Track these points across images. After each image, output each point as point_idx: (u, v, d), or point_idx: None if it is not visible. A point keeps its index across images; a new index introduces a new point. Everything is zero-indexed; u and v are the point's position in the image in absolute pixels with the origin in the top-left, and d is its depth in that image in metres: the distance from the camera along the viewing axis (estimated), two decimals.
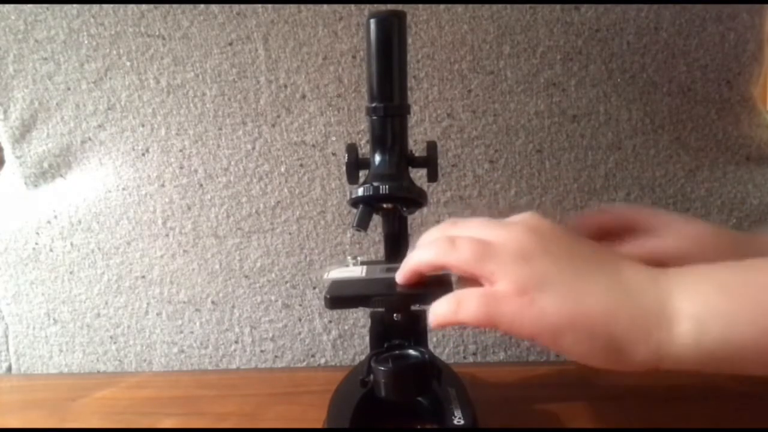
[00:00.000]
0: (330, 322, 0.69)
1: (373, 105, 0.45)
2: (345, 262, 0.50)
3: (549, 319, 0.35)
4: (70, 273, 0.70)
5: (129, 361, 0.72)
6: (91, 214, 0.68)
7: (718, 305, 0.34)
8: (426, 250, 0.40)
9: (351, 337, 0.69)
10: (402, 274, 0.42)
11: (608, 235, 0.49)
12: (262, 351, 0.70)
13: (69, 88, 0.65)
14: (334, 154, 0.65)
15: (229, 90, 0.64)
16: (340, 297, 0.45)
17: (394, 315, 0.48)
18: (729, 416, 0.52)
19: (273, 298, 0.69)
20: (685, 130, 0.65)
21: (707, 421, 0.51)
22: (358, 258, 0.51)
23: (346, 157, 0.46)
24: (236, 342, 0.70)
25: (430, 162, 0.47)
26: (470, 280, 0.39)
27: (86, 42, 0.64)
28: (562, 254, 0.37)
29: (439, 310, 0.38)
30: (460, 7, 0.62)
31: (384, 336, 0.49)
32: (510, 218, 0.41)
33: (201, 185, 0.67)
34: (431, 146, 0.47)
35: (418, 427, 0.49)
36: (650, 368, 0.36)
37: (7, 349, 0.74)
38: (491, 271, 0.36)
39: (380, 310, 0.49)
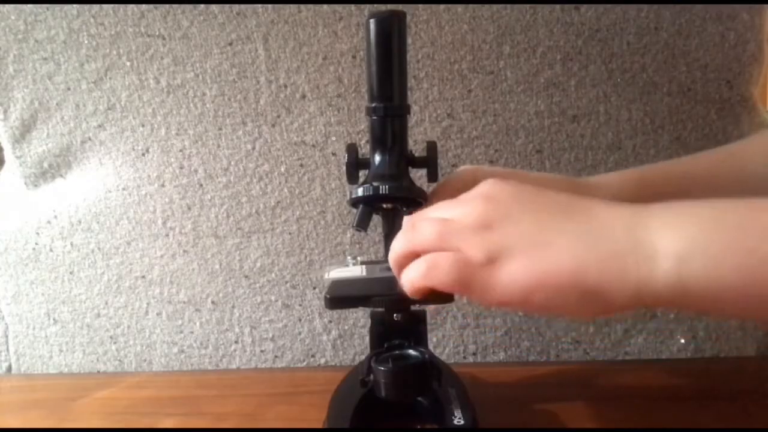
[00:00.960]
0: (330, 322, 0.69)
1: (373, 105, 0.45)
2: (345, 262, 0.50)
3: (516, 283, 0.35)
4: (70, 273, 0.70)
5: (129, 361, 0.72)
6: (91, 214, 0.68)
7: (702, 244, 0.32)
8: (393, 244, 0.40)
9: (351, 337, 0.69)
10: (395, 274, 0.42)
11: None
12: (262, 351, 0.70)
13: (69, 88, 0.65)
14: (334, 154, 0.65)
15: (229, 90, 0.64)
16: (340, 297, 0.45)
17: (394, 315, 0.48)
18: (729, 416, 0.52)
19: (273, 298, 0.69)
20: (685, 130, 0.65)
21: (707, 421, 0.51)
22: (358, 258, 0.51)
23: (346, 157, 0.46)
24: (236, 342, 0.70)
25: (430, 162, 0.47)
26: None
27: (86, 42, 0.64)
28: (524, 214, 0.37)
29: (412, 274, 0.38)
30: (460, 7, 0.62)
31: (384, 336, 0.49)
32: (469, 192, 0.40)
33: (201, 185, 0.67)
34: (431, 146, 0.47)
35: (418, 427, 0.49)
36: (632, 308, 0.35)
37: (7, 349, 0.74)
38: (457, 246, 0.36)
39: (380, 310, 0.49)
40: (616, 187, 0.49)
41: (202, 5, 0.62)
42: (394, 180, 0.45)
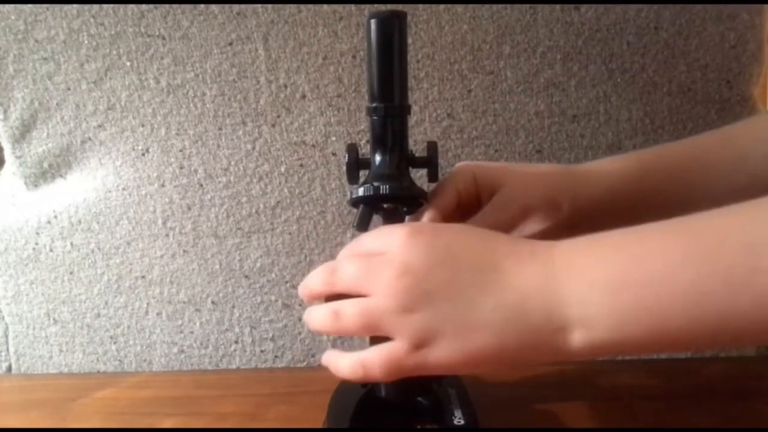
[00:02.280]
0: None
1: (374, 105, 0.45)
2: None
3: (444, 365, 0.36)
4: (70, 273, 0.70)
5: (129, 361, 0.72)
6: (91, 214, 0.68)
7: (603, 308, 0.33)
8: (315, 318, 0.42)
9: (351, 337, 0.69)
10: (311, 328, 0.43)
11: (470, 205, 0.48)
12: (262, 351, 0.70)
13: (69, 88, 0.65)
14: (334, 154, 0.65)
15: (229, 90, 0.64)
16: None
17: None
18: (729, 416, 0.52)
19: (273, 298, 0.69)
20: (685, 130, 0.65)
21: (707, 421, 0.51)
22: None
23: (347, 157, 0.46)
24: (236, 342, 0.70)
25: (430, 162, 0.47)
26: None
27: (86, 42, 0.64)
28: (441, 288, 0.36)
29: (349, 371, 0.40)
30: (460, 7, 0.62)
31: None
32: (386, 235, 0.40)
33: (201, 185, 0.67)
34: (431, 146, 0.47)
35: (418, 427, 0.49)
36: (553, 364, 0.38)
37: (7, 349, 0.74)
38: (383, 332, 0.38)
39: None
40: (616, 177, 0.48)
41: (202, 5, 0.62)
42: (394, 180, 0.45)
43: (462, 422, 0.45)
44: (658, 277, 0.32)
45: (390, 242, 0.39)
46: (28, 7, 0.63)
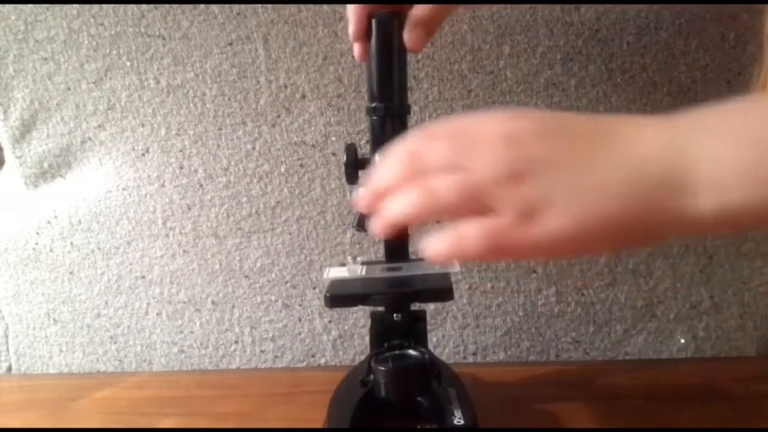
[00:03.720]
0: (330, 322, 0.69)
1: (373, 105, 0.45)
2: (345, 262, 0.50)
3: (563, 236, 0.31)
4: (70, 273, 0.70)
5: (129, 361, 0.72)
6: (91, 214, 0.68)
7: (739, 165, 0.29)
8: (402, 203, 0.34)
9: (351, 337, 0.69)
10: (382, 227, 0.35)
11: None
12: (262, 351, 0.70)
13: (69, 88, 0.65)
14: (334, 154, 0.65)
15: (229, 90, 0.64)
16: (340, 296, 0.45)
17: (394, 315, 0.48)
18: (729, 416, 0.52)
19: (273, 298, 0.69)
20: None
21: (707, 421, 0.51)
22: (358, 258, 0.51)
23: (346, 158, 0.46)
24: (236, 342, 0.70)
25: None
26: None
27: (86, 42, 0.64)
28: (552, 152, 0.32)
29: (440, 250, 0.33)
30: (460, 8, 0.61)
31: (384, 336, 0.49)
32: (474, 122, 0.34)
33: (201, 185, 0.67)
34: None
35: (418, 427, 0.49)
36: (680, 235, 0.32)
37: (7, 349, 0.74)
38: (483, 205, 0.32)
39: (380, 309, 0.49)
40: None
41: (202, 5, 0.62)
42: None
43: (462, 422, 0.45)
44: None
45: (484, 125, 0.33)
46: (28, 7, 0.63)
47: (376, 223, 0.35)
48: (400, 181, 0.34)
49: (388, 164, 0.35)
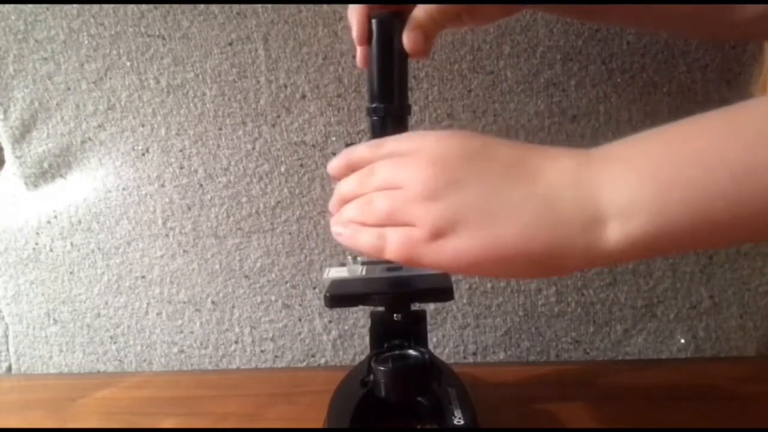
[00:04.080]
0: (330, 322, 0.69)
1: (374, 105, 0.45)
2: (345, 261, 0.50)
3: (464, 256, 0.35)
4: (70, 273, 0.70)
5: (129, 361, 0.72)
6: (91, 214, 0.68)
7: (645, 194, 0.31)
8: (349, 213, 0.40)
9: (351, 337, 0.69)
10: (336, 231, 0.41)
11: None
12: (262, 351, 0.70)
13: (69, 88, 0.65)
14: (334, 154, 0.65)
15: (229, 90, 0.64)
16: (340, 295, 0.45)
17: (394, 315, 0.48)
18: (729, 416, 0.52)
19: (273, 298, 0.69)
20: None
21: (707, 421, 0.51)
22: (358, 258, 0.51)
23: None
24: (236, 342, 0.70)
25: None
26: None
27: (86, 42, 0.64)
28: (470, 179, 0.35)
29: (367, 242, 0.38)
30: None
31: (384, 336, 0.49)
32: (419, 137, 0.39)
33: (201, 185, 0.67)
34: None
35: (418, 427, 0.49)
36: (583, 268, 0.36)
37: (7, 349, 0.74)
38: (404, 221, 0.36)
39: (380, 309, 0.49)
40: None
41: (202, 5, 0.62)
42: None
43: (462, 422, 0.45)
44: (701, 152, 0.31)
45: (422, 141, 0.38)
46: (28, 7, 0.63)
47: (333, 224, 0.40)
48: (355, 191, 0.39)
49: (349, 179, 0.40)
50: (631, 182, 0.32)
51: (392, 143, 0.40)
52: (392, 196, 0.37)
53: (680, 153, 0.32)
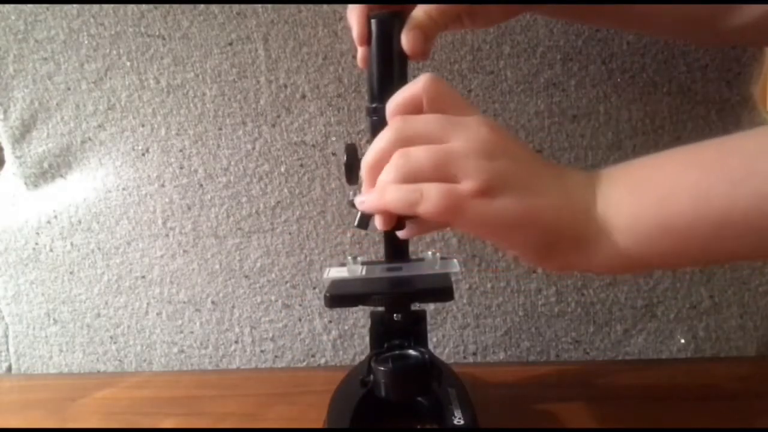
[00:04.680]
0: (330, 322, 0.69)
1: (374, 105, 0.45)
2: (345, 261, 0.50)
3: (505, 217, 0.37)
4: (70, 273, 0.70)
5: (129, 361, 0.72)
6: (91, 214, 0.68)
7: (624, 197, 0.38)
8: (387, 172, 0.38)
9: (351, 337, 0.69)
10: (377, 216, 0.41)
11: None
12: (262, 351, 0.70)
13: (69, 88, 0.65)
14: (334, 154, 0.65)
15: (229, 90, 0.64)
16: (340, 295, 0.45)
17: (394, 315, 0.48)
18: (729, 416, 0.52)
19: (273, 298, 0.69)
20: (685, 130, 0.65)
21: (707, 421, 0.51)
22: (358, 258, 0.51)
23: (345, 158, 0.46)
24: (236, 342, 0.70)
25: None
26: None
27: (86, 42, 0.64)
28: (518, 154, 0.39)
29: (399, 197, 0.37)
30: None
31: (384, 336, 0.49)
32: (465, 117, 0.39)
33: (201, 185, 0.67)
34: None
35: (418, 427, 0.49)
36: (583, 268, 0.40)
37: (7, 349, 0.74)
38: (454, 172, 0.37)
39: (380, 309, 0.49)
40: None
41: (202, 5, 0.62)
42: None
43: (462, 422, 0.45)
44: (668, 176, 0.37)
45: (468, 116, 0.39)
46: (28, 7, 0.63)
47: (371, 200, 0.39)
48: (390, 148, 0.38)
49: (382, 134, 0.39)
50: (617, 196, 0.38)
51: (423, 116, 0.39)
52: (436, 149, 0.37)
53: (654, 176, 0.38)
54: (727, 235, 0.35)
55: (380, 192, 0.38)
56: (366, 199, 0.39)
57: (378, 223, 0.41)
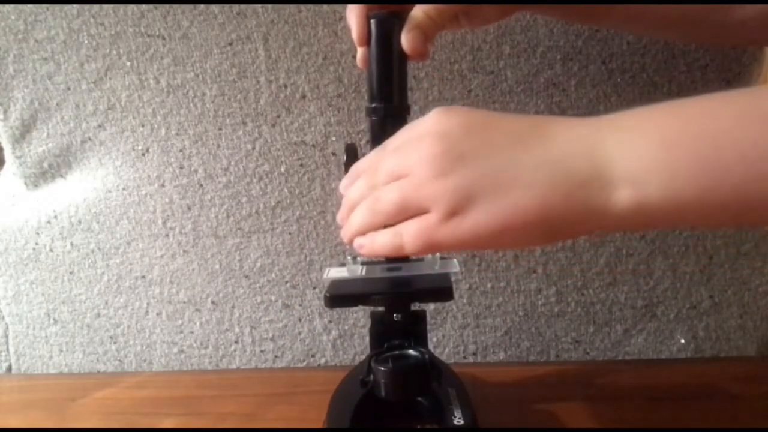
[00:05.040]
0: (330, 322, 0.69)
1: (373, 105, 0.45)
2: (345, 261, 0.50)
3: (483, 230, 0.34)
4: (70, 273, 0.70)
5: (129, 361, 0.72)
6: (91, 214, 0.68)
7: (656, 163, 0.32)
8: (355, 218, 0.39)
9: (351, 337, 0.69)
10: (347, 240, 0.41)
11: None
12: (262, 351, 0.70)
13: (69, 88, 0.65)
14: (334, 154, 0.65)
15: (229, 90, 0.64)
16: (340, 296, 0.45)
17: (394, 315, 0.48)
18: (728, 416, 0.52)
19: (273, 298, 0.69)
20: None
21: (707, 421, 0.51)
22: (358, 258, 0.51)
23: (345, 158, 0.46)
24: (236, 342, 0.70)
25: None
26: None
27: (86, 42, 0.64)
28: (478, 149, 0.34)
29: (385, 244, 0.37)
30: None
31: (384, 336, 0.49)
32: (416, 124, 0.38)
33: (201, 185, 0.67)
34: None
35: (418, 427, 0.49)
36: (594, 233, 0.36)
37: (7, 349, 0.74)
38: (418, 207, 0.35)
39: (380, 309, 0.49)
40: None
41: (202, 5, 0.62)
42: None
43: (462, 422, 0.45)
44: (715, 131, 0.31)
45: (420, 124, 0.38)
46: (28, 7, 0.63)
47: (344, 235, 0.40)
48: (363, 193, 0.39)
49: (356, 184, 0.40)
50: (640, 150, 0.32)
51: (392, 140, 0.40)
52: (400, 186, 0.36)
53: (692, 128, 0.32)
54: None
55: (370, 240, 0.39)
56: (363, 244, 0.39)
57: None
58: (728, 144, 0.31)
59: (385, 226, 0.38)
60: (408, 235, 0.36)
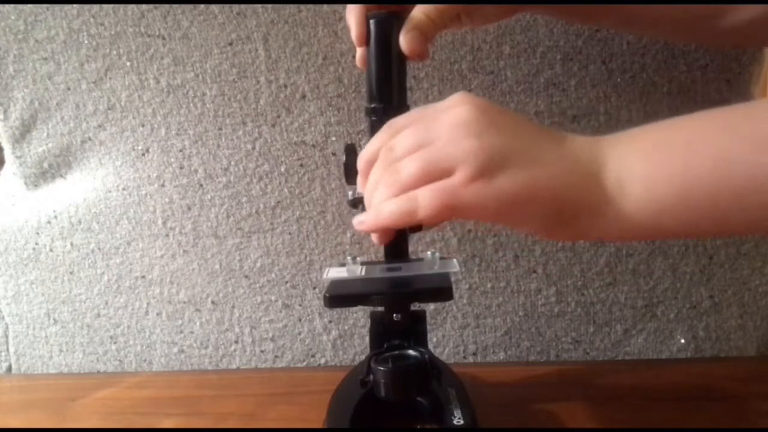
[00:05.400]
0: (330, 322, 0.69)
1: (373, 106, 0.45)
2: (345, 261, 0.50)
3: (508, 195, 0.35)
4: (70, 273, 0.70)
5: (129, 361, 0.72)
6: (91, 214, 0.68)
7: (637, 163, 0.35)
8: (379, 197, 0.38)
9: (351, 337, 0.69)
10: (377, 234, 0.41)
11: None
12: (262, 351, 0.70)
13: (69, 88, 0.65)
14: (334, 154, 0.65)
15: (229, 90, 0.64)
16: (340, 296, 0.45)
17: (394, 315, 0.48)
18: (728, 416, 0.52)
19: (273, 298, 0.69)
20: None
21: (707, 421, 0.51)
22: (358, 258, 0.51)
23: (345, 158, 0.46)
24: (236, 342, 0.70)
25: None
26: None
27: (86, 42, 0.64)
28: (509, 125, 0.37)
29: (395, 210, 0.36)
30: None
31: (384, 336, 0.49)
32: (434, 105, 0.39)
33: (201, 185, 0.67)
34: None
35: (418, 427, 0.49)
36: (595, 236, 0.39)
37: (7, 349, 0.74)
38: (442, 169, 0.35)
39: (380, 309, 0.49)
40: None
41: (202, 5, 0.62)
42: None
43: (462, 422, 0.45)
44: (687, 140, 0.35)
45: (445, 102, 0.38)
46: (28, 7, 0.63)
47: (369, 220, 0.39)
48: (379, 177, 0.38)
49: (373, 169, 0.39)
50: (628, 158, 0.36)
51: (400, 120, 0.39)
52: (420, 154, 0.36)
53: (671, 140, 0.36)
54: (749, 204, 0.33)
55: (376, 211, 0.37)
56: (364, 220, 0.39)
57: (375, 239, 0.42)
58: (698, 150, 0.34)
59: None
60: (424, 198, 0.35)
